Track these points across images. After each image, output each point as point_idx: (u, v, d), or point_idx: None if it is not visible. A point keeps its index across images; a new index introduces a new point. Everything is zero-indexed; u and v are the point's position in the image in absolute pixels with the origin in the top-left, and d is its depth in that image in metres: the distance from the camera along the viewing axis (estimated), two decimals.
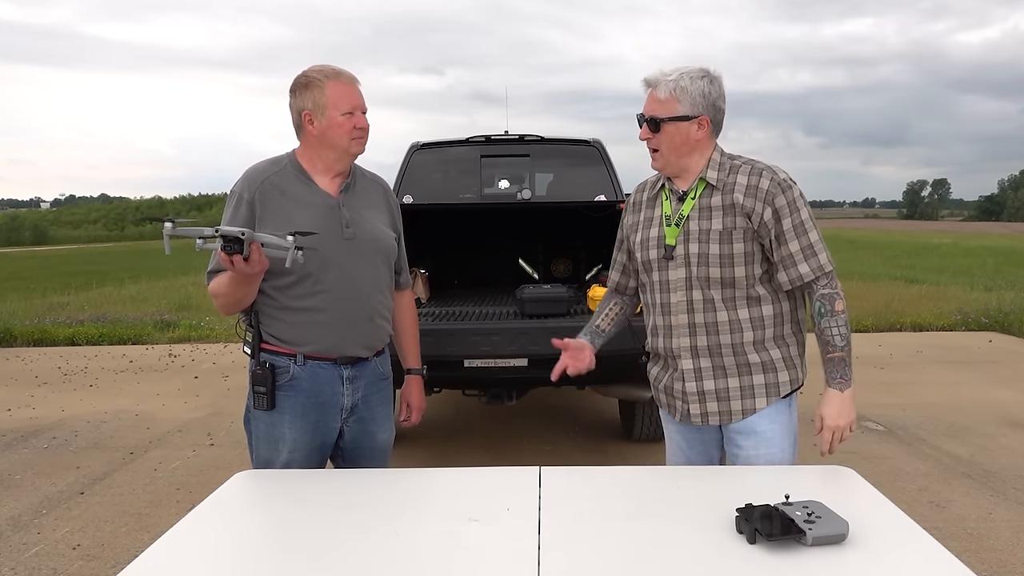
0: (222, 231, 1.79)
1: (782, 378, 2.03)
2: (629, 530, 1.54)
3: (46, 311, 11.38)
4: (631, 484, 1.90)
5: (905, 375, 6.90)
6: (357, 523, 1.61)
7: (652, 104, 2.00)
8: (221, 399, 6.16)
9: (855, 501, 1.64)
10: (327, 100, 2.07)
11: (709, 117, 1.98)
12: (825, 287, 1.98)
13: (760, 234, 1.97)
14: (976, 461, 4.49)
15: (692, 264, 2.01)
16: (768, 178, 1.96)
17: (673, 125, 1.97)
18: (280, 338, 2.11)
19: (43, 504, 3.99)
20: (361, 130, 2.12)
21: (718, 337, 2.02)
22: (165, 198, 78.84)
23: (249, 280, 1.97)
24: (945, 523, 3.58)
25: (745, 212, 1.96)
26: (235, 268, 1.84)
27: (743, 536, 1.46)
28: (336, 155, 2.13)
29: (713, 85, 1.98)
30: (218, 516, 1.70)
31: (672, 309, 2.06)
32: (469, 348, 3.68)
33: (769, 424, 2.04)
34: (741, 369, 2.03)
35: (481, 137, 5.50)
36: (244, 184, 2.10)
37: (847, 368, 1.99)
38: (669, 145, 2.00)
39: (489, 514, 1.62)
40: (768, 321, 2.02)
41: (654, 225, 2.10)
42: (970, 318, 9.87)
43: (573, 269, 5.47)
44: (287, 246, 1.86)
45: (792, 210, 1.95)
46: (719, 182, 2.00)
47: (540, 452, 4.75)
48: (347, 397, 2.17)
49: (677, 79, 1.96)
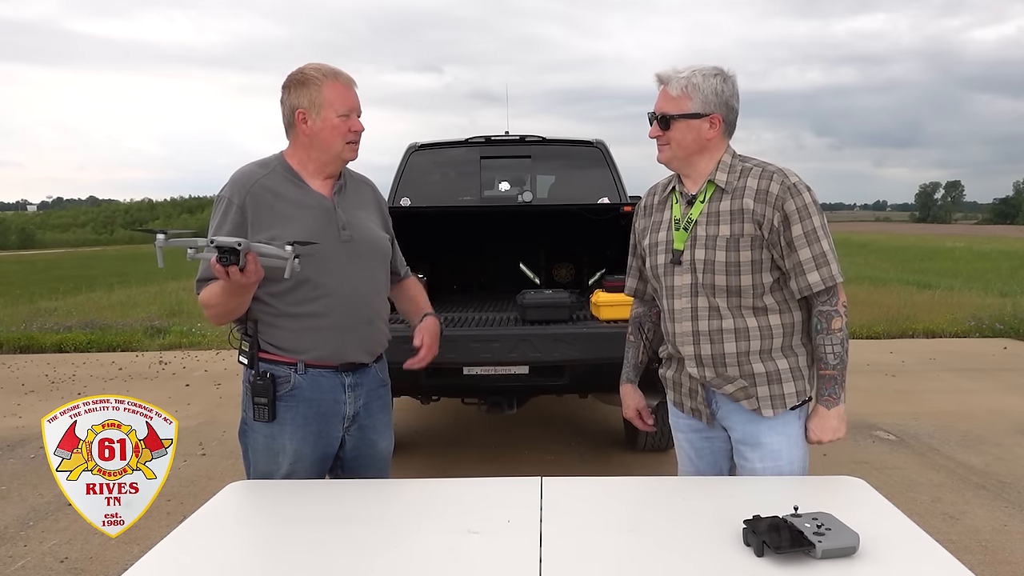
0: (217, 242, 1.77)
1: (788, 390, 2.02)
2: (633, 542, 1.55)
3: (33, 317, 11.39)
4: (635, 495, 1.90)
5: (917, 383, 6.90)
6: (354, 535, 1.61)
7: (663, 101, 2.00)
8: (213, 407, 6.16)
9: (866, 512, 1.64)
10: (324, 99, 2.06)
11: (721, 116, 1.98)
12: (825, 303, 1.97)
13: (770, 241, 1.96)
14: (991, 471, 4.49)
15: (698, 271, 2.01)
16: (779, 182, 1.95)
17: (684, 123, 1.98)
18: (279, 346, 2.09)
19: (29, 516, 3.98)
20: (355, 133, 2.12)
21: (722, 346, 2.01)
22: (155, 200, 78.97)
23: (244, 291, 1.95)
24: (959, 535, 3.57)
25: (755, 219, 1.95)
26: (230, 279, 1.82)
27: (750, 549, 1.46)
28: (328, 158, 2.12)
29: (727, 84, 1.98)
30: (210, 528, 1.70)
31: (676, 316, 2.06)
32: (468, 355, 3.68)
33: (776, 436, 2.04)
34: (746, 380, 2.02)
35: (481, 138, 5.51)
36: (233, 188, 2.07)
37: (837, 387, 2.00)
38: (680, 143, 2.00)
39: (489, 526, 1.62)
40: (776, 331, 2.01)
41: (663, 229, 2.10)
42: (984, 324, 9.86)
43: (576, 274, 5.47)
44: (285, 256, 1.83)
45: (803, 216, 1.93)
46: (728, 185, 1.99)
47: (541, 462, 4.75)
48: (349, 405, 2.17)
49: (690, 76, 1.96)
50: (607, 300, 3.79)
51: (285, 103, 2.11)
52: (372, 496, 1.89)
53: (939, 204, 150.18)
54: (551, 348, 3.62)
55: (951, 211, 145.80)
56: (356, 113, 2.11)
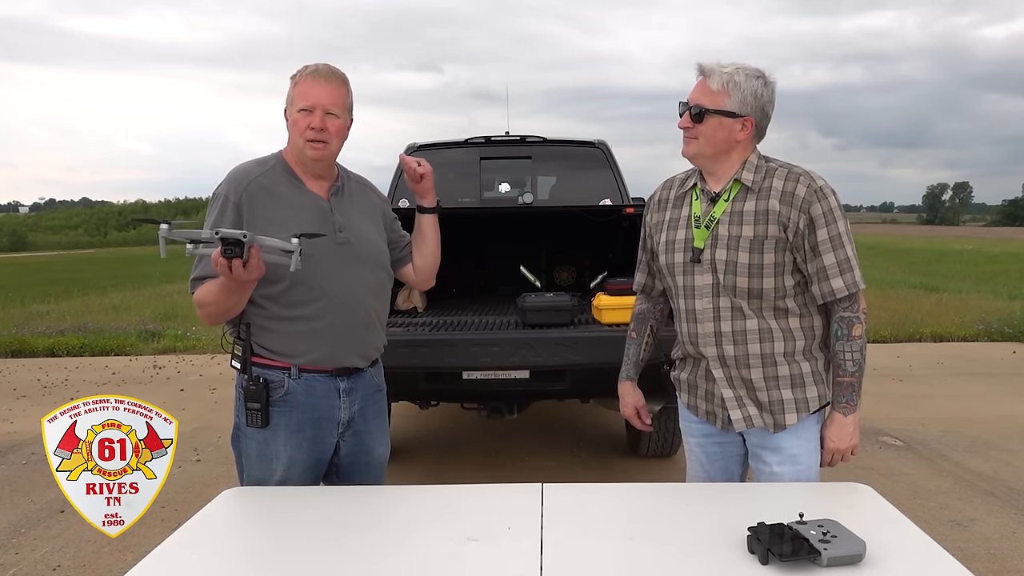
0: (223, 233, 1.76)
1: (810, 393, 2.03)
2: (635, 550, 1.55)
3: (25, 321, 11.38)
4: (637, 502, 1.90)
5: (925, 388, 6.89)
6: (351, 543, 1.61)
7: (701, 93, 1.99)
8: (208, 413, 6.16)
9: (872, 519, 1.64)
10: (293, 95, 2.07)
11: (755, 120, 1.98)
12: (846, 309, 1.98)
13: (794, 244, 1.96)
14: (1000, 478, 4.48)
15: (719, 271, 2.00)
16: (805, 184, 1.95)
17: (717, 119, 1.97)
18: (273, 350, 2.09)
19: (21, 523, 3.98)
20: (314, 131, 2.04)
21: (746, 347, 2.02)
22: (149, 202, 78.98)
23: (242, 288, 1.96)
24: (967, 543, 3.57)
25: (780, 221, 1.94)
26: (232, 274, 1.81)
27: (755, 556, 1.46)
28: (298, 156, 2.11)
29: (767, 89, 1.99)
30: (205, 535, 1.70)
31: (698, 317, 2.05)
32: (468, 359, 3.68)
33: (795, 440, 2.04)
34: (769, 383, 2.03)
35: (481, 138, 5.51)
36: (229, 186, 2.08)
37: (854, 394, 2.01)
38: (709, 139, 1.99)
39: (489, 533, 1.62)
40: (797, 334, 2.02)
41: (680, 226, 2.09)
42: (993, 328, 9.86)
43: (577, 277, 5.47)
44: (291, 248, 1.81)
45: (829, 220, 1.94)
46: (755, 184, 1.99)
47: (542, 468, 4.74)
48: (344, 410, 2.17)
49: (733, 73, 1.96)
50: (609, 303, 3.79)
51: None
52: (370, 503, 1.89)
53: (947, 206, 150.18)
54: (552, 352, 3.62)
55: (959, 213, 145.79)
56: (321, 110, 2.04)
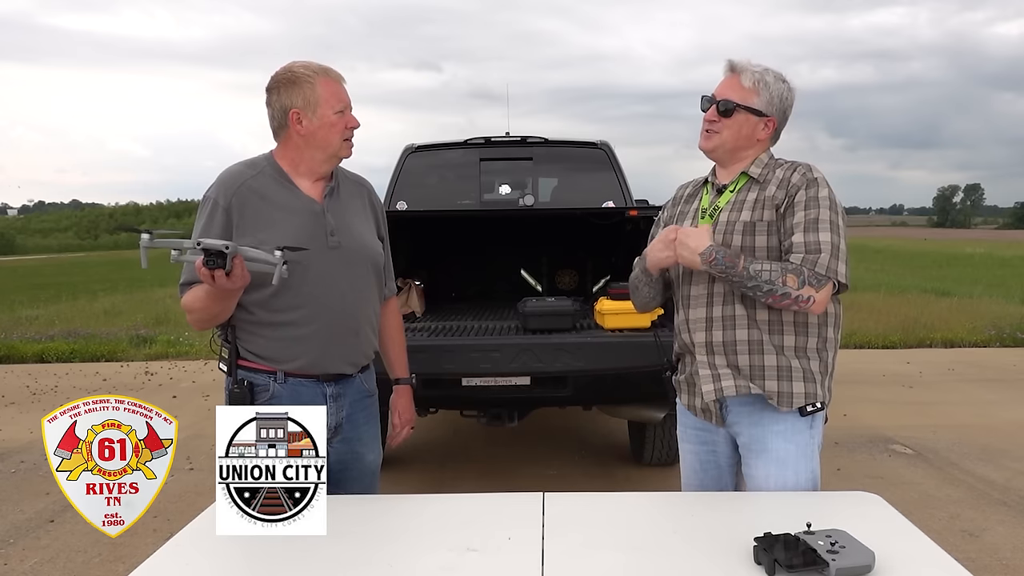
0: (204, 244, 1.77)
1: (797, 389, 2.03)
2: (638, 561, 1.55)
3: (13, 326, 11.40)
4: (641, 512, 1.91)
5: (935, 394, 6.89)
6: (346, 554, 1.61)
7: (731, 88, 2.09)
8: (201, 420, 6.15)
9: (882, 529, 1.64)
10: (319, 97, 2.07)
11: (776, 122, 2.10)
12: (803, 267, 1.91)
13: (778, 226, 2.02)
14: (1012, 487, 4.48)
15: None
16: (801, 173, 2.04)
17: (744, 115, 2.07)
18: (258, 354, 2.10)
19: (10, 533, 3.98)
20: (352, 130, 2.15)
21: (734, 332, 2.05)
22: (141, 204, 79.14)
23: (229, 296, 1.96)
24: (979, 553, 3.57)
25: (775, 204, 2.03)
26: (215, 283, 1.82)
27: (761, 567, 1.46)
28: (324, 157, 2.14)
29: (790, 93, 2.11)
30: (198, 546, 1.70)
31: (692, 302, 2.11)
32: (467, 365, 3.68)
33: (783, 443, 2.04)
34: (754, 372, 2.04)
35: (480, 139, 5.52)
36: (219, 189, 2.08)
37: (736, 259, 1.93)
38: (734, 134, 2.08)
39: (489, 543, 1.62)
40: (788, 328, 2.03)
41: (688, 217, 2.20)
42: (1005, 333, 9.87)
43: (579, 281, 5.48)
44: (274, 262, 1.84)
45: (810, 206, 1.99)
46: (760, 176, 2.09)
47: (543, 477, 4.74)
48: (331, 416, 2.16)
49: (763, 73, 2.07)
50: (612, 308, 3.79)
51: (275, 104, 2.10)
52: (365, 512, 1.89)
53: (958, 208, 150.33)
54: (553, 358, 3.63)
55: (971, 215, 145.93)
56: (350, 109, 2.14)
